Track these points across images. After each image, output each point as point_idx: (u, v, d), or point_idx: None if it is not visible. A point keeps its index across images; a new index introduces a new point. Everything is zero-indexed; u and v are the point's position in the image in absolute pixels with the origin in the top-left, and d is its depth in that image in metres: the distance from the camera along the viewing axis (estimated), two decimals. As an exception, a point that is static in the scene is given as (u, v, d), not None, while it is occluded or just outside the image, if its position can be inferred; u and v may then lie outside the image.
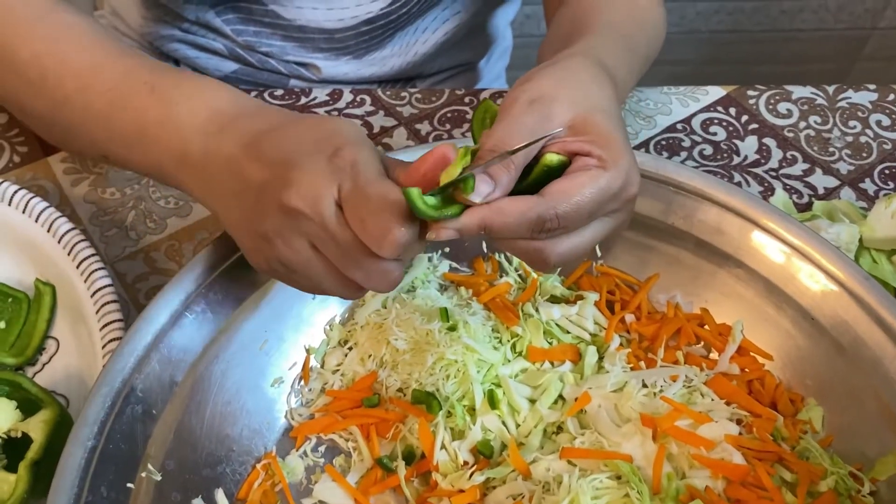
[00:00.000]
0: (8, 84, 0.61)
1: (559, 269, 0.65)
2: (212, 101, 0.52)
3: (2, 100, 0.66)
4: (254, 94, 0.81)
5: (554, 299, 0.63)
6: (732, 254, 0.61)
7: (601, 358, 0.60)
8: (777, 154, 0.78)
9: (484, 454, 0.55)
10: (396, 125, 0.79)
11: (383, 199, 0.43)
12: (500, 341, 0.60)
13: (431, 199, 0.43)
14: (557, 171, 0.48)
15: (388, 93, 0.82)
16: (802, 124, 0.81)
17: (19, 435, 0.54)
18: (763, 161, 0.77)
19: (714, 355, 0.62)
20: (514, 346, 0.60)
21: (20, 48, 0.59)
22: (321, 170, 0.45)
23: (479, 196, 0.44)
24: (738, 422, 0.56)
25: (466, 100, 0.81)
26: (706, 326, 0.63)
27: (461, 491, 0.53)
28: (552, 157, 0.48)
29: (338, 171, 0.45)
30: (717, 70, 1.94)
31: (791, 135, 0.80)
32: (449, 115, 0.80)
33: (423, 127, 0.79)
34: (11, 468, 0.53)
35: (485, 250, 0.66)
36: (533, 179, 0.48)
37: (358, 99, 0.81)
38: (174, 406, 0.54)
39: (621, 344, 0.61)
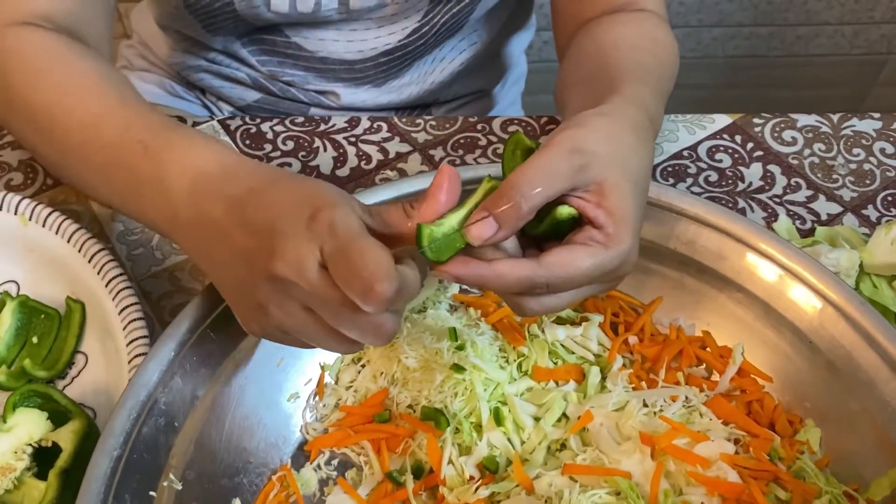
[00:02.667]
0: (23, 129, 0.65)
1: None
2: (197, 162, 0.53)
3: (17, 139, 0.70)
4: (275, 121, 0.84)
5: (560, 321, 0.65)
6: (733, 278, 0.63)
7: (604, 378, 0.61)
8: (781, 181, 0.79)
9: (489, 469, 0.57)
10: (411, 151, 0.81)
11: (362, 256, 0.43)
12: (507, 361, 0.62)
13: (442, 230, 0.46)
14: (566, 224, 0.49)
15: (403, 120, 0.85)
16: (807, 151, 0.82)
17: (49, 444, 0.57)
18: (767, 187, 0.79)
19: (716, 377, 0.64)
20: (520, 366, 0.62)
21: (33, 96, 0.62)
22: (301, 235, 0.45)
23: (478, 239, 0.46)
24: (736, 441, 0.58)
25: (479, 127, 0.84)
26: (708, 349, 0.64)
27: None
28: (563, 211, 0.49)
29: (317, 234, 0.45)
30: (734, 94, 1.96)
31: (795, 162, 0.81)
32: (462, 141, 0.82)
33: (437, 153, 0.81)
34: (42, 476, 0.56)
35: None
36: (542, 229, 0.50)
37: (375, 126, 0.84)
38: (195, 419, 0.56)
39: (624, 364, 0.62)
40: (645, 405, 0.59)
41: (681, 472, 0.54)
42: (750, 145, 0.83)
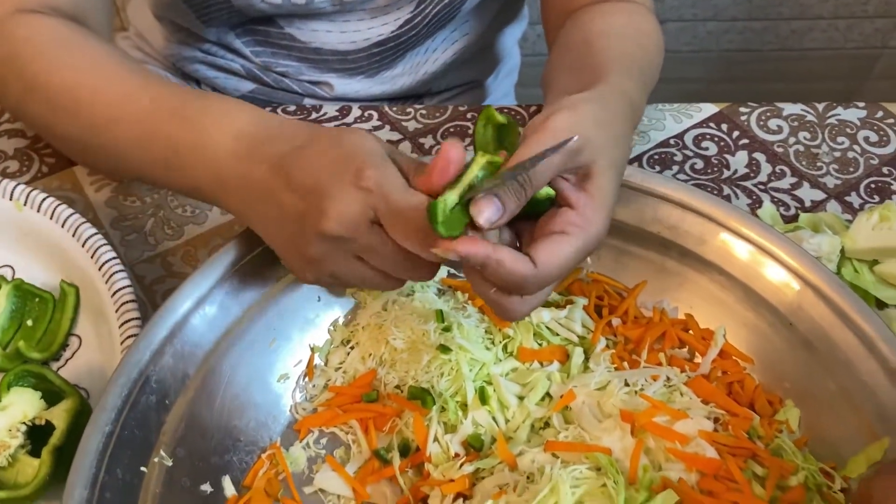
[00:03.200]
0: (39, 111, 0.66)
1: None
2: (237, 123, 0.56)
3: (31, 124, 0.71)
4: (268, 109, 0.85)
5: (545, 304, 0.66)
6: (714, 261, 0.64)
7: (587, 359, 0.63)
8: (766, 168, 0.81)
9: (474, 447, 0.58)
10: (402, 139, 0.83)
11: (419, 215, 0.47)
12: (493, 342, 0.63)
13: (450, 204, 0.46)
14: (543, 204, 0.50)
15: (394, 109, 0.86)
16: (792, 140, 0.83)
17: (43, 422, 0.58)
18: (752, 175, 0.80)
19: (698, 359, 0.65)
20: (505, 347, 0.63)
21: (52, 77, 0.63)
22: (352, 197, 0.49)
23: (487, 222, 0.46)
24: (716, 420, 0.59)
25: (469, 115, 0.85)
26: (690, 331, 0.66)
27: (451, 480, 0.56)
28: (541, 192, 0.49)
29: (368, 195, 0.49)
30: (729, 88, 1.97)
31: (780, 150, 0.82)
32: (452, 129, 0.83)
33: (427, 141, 0.82)
34: (35, 453, 0.58)
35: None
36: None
37: (366, 114, 0.85)
38: (186, 397, 0.57)
39: (607, 346, 0.64)
40: (626, 384, 0.60)
41: (660, 449, 0.55)
42: (736, 133, 0.84)
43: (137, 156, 0.61)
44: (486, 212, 0.45)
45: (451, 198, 0.47)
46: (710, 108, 0.86)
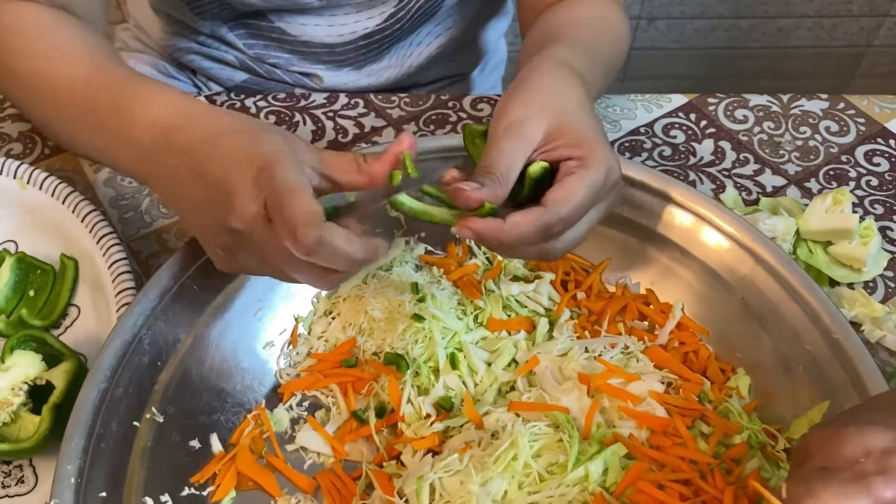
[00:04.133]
0: (20, 97, 0.70)
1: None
2: (154, 110, 0.57)
3: (17, 109, 0.75)
4: (259, 97, 0.89)
5: (515, 278, 0.70)
6: (676, 241, 0.69)
7: (552, 328, 0.67)
8: (731, 156, 0.84)
9: (444, 408, 0.62)
10: (385, 125, 0.86)
11: (290, 206, 0.48)
12: (465, 313, 0.67)
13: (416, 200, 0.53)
14: (545, 178, 0.55)
15: (379, 97, 0.90)
16: (757, 129, 0.87)
17: (44, 383, 0.62)
18: (717, 161, 0.84)
19: (659, 331, 0.69)
20: (476, 318, 0.67)
21: (25, 65, 0.67)
22: (248, 192, 0.50)
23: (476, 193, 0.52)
24: (669, 385, 0.63)
25: (450, 104, 0.88)
26: (651, 305, 0.70)
27: (422, 438, 0.60)
28: (534, 168, 0.55)
29: (261, 189, 0.50)
30: (717, 85, 2.01)
31: (745, 138, 0.86)
32: (433, 117, 0.87)
33: (410, 128, 0.86)
34: (36, 411, 0.62)
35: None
36: (528, 191, 0.55)
37: (352, 102, 0.89)
38: (177, 360, 0.61)
39: (571, 317, 0.68)
40: (586, 351, 0.64)
41: (613, 408, 0.59)
42: (703, 123, 0.87)
43: (90, 143, 0.64)
44: (468, 191, 0.52)
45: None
46: (679, 99, 0.90)
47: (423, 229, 0.72)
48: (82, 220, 0.71)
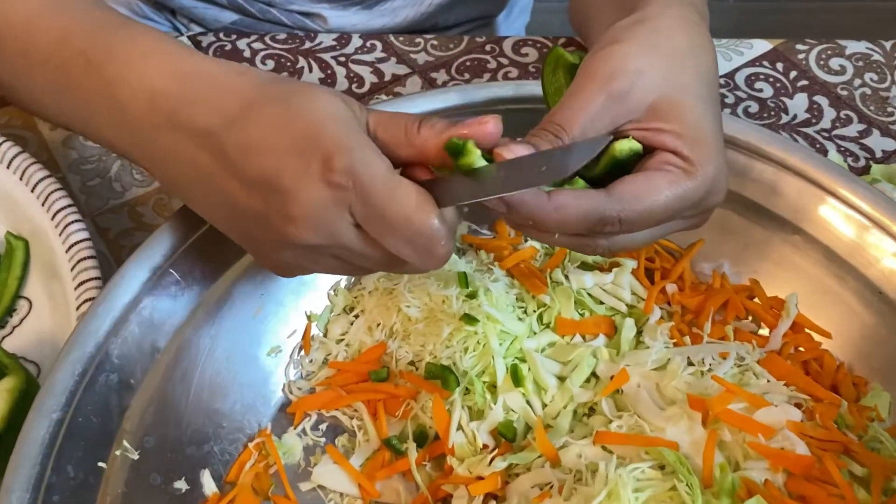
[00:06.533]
0: None
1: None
2: (149, 77, 0.44)
3: None
4: (254, 37, 0.75)
5: (586, 266, 0.57)
6: (789, 218, 0.56)
7: (640, 332, 0.54)
8: (830, 113, 0.72)
9: (506, 437, 0.50)
10: (410, 73, 0.74)
11: (409, 222, 0.40)
12: (525, 311, 0.55)
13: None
14: (628, 162, 0.43)
15: (400, 39, 0.76)
16: (857, 82, 0.75)
17: (-21, 405, 0.49)
18: (814, 120, 0.72)
19: (764, 331, 0.56)
20: (540, 318, 0.55)
21: None
22: (322, 200, 0.40)
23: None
24: (797, 406, 0.50)
25: (488, 48, 0.76)
26: (756, 299, 0.57)
27: (480, 478, 0.48)
28: (622, 146, 0.43)
29: (342, 193, 0.40)
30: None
31: (845, 93, 0.74)
32: (468, 63, 0.75)
33: (440, 76, 0.73)
34: (-31, 443, 0.48)
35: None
36: (600, 170, 0.44)
37: (368, 45, 0.75)
38: (155, 376, 0.50)
39: (662, 317, 0.55)
40: (690, 363, 0.51)
41: (738, 443, 0.46)
42: (793, 74, 0.75)
43: (52, 103, 0.50)
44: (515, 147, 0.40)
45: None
46: (762, 45, 0.77)
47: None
48: (33, 190, 0.59)
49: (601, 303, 0.56)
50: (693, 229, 0.47)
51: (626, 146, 0.43)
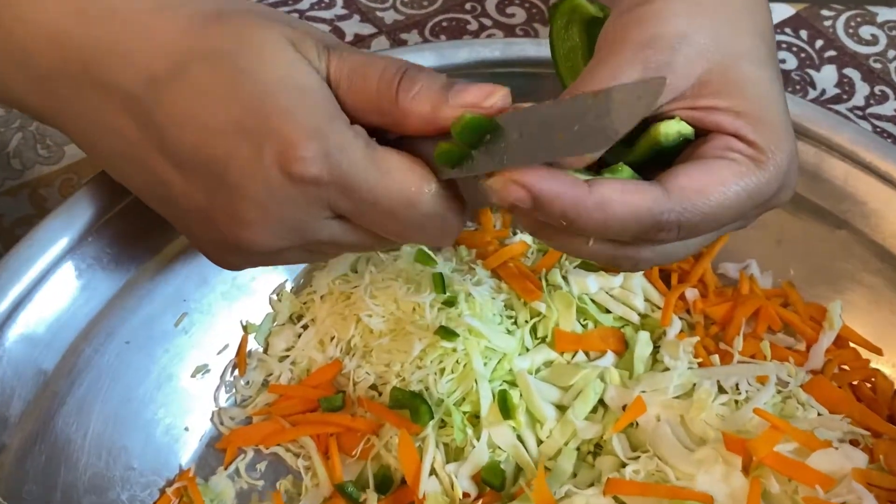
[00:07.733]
0: None
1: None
2: (57, 17, 0.36)
3: None
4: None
5: (588, 266, 0.49)
6: (832, 209, 0.50)
7: (656, 348, 0.47)
8: (862, 88, 0.66)
9: (491, 484, 0.43)
10: (376, 33, 0.66)
11: (406, 208, 0.34)
12: (516, 323, 0.49)
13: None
14: (674, 150, 0.36)
15: (366, -7, 0.67)
16: (892, 53, 0.68)
17: None
18: (846, 97, 0.65)
19: (800, 345, 0.49)
20: (534, 330, 0.49)
21: None
22: (286, 198, 0.33)
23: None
24: (853, 443, 0.42)
25: (468, 6, 0.68)
26: (791, 307, 0.50)
27: None
28: (669, 128, 0.35)
29: (314, 190, 0.33)
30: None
31: (878, 66, 0.68)
32: (444, 23, 0.67)
33: (411, 37, 0.66)
34: None
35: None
36: (638, 156, 0.36)
37: (326, 0, 0.66)
38: (40, 405, 0.42)
39: (683, 330, 0.48)
40: (722, 390, 0.43)
41: (788, 495, 0.38)
42: (819, 43, 0.68)
43: None
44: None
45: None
46: (784, 10, 0.70)
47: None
48: None
49: (608, 311, 0.49)
50: (742, 227, 0.38)
51: (673, 129, 0.34)
